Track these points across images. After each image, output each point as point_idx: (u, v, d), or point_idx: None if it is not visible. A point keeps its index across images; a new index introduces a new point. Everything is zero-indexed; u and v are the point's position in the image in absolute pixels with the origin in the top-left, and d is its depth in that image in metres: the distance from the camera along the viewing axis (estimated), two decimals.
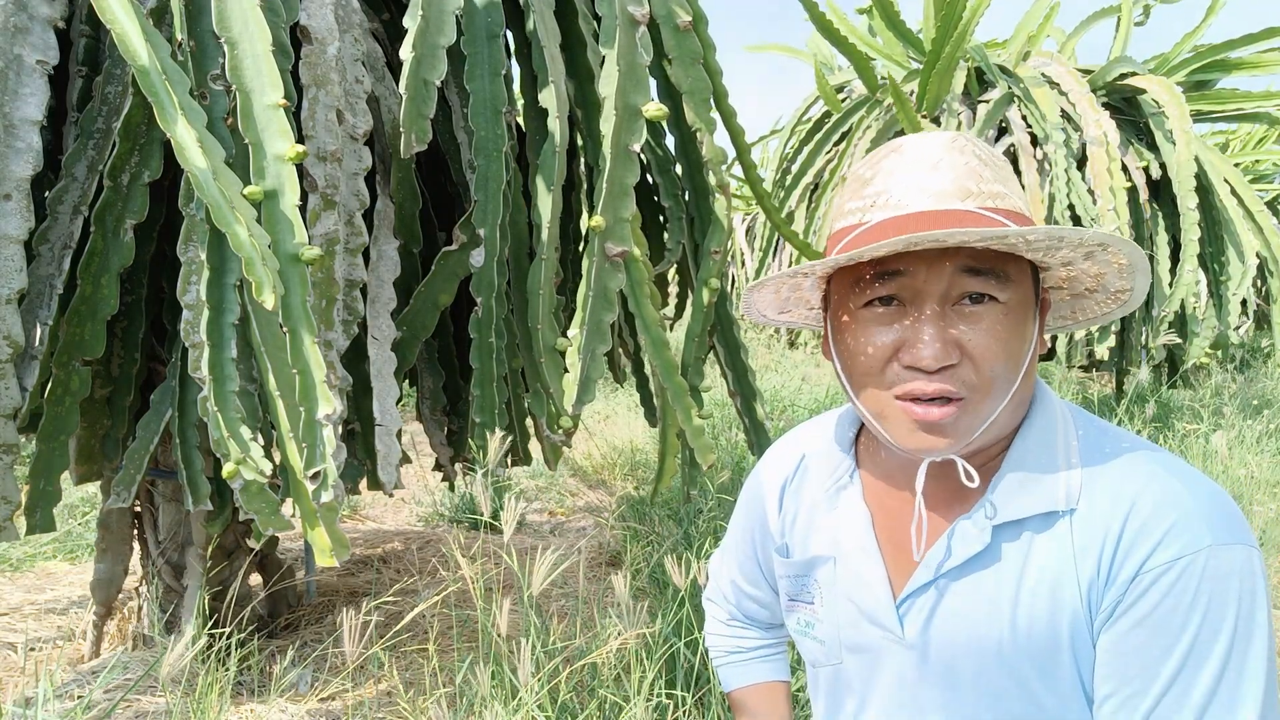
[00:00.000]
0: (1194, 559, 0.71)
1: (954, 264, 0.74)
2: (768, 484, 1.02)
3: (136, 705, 2.17)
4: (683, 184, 2.54)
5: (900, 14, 6.19)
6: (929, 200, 0.76)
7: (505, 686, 1.75)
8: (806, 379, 8.19)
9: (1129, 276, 0.81)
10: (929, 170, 0.78)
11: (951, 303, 0.75)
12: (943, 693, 0.83)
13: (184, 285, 1.71)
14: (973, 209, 0.76)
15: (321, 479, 1.57)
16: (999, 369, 0.75)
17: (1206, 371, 6.68)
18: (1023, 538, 0.79)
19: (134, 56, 1.44)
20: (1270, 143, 10.38)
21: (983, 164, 0.79)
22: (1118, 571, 0.74)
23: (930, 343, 0.74)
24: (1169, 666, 0.72)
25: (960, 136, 0.81)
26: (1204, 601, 0.71)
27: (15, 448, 1.65)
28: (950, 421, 0.75)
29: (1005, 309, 0.75)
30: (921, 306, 0.75)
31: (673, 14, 2.27)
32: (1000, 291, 0.75)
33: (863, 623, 0.88)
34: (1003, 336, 0.75)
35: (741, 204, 11.74)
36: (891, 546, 0.87)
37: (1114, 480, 0.77)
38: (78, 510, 4.08)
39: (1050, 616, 0.77)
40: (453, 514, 4.18)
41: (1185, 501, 0.74)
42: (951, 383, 0.74)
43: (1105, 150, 5.21)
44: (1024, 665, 0.78)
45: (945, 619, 0.82)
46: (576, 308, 2.05)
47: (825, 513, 0.94)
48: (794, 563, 0.96)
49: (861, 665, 0.89)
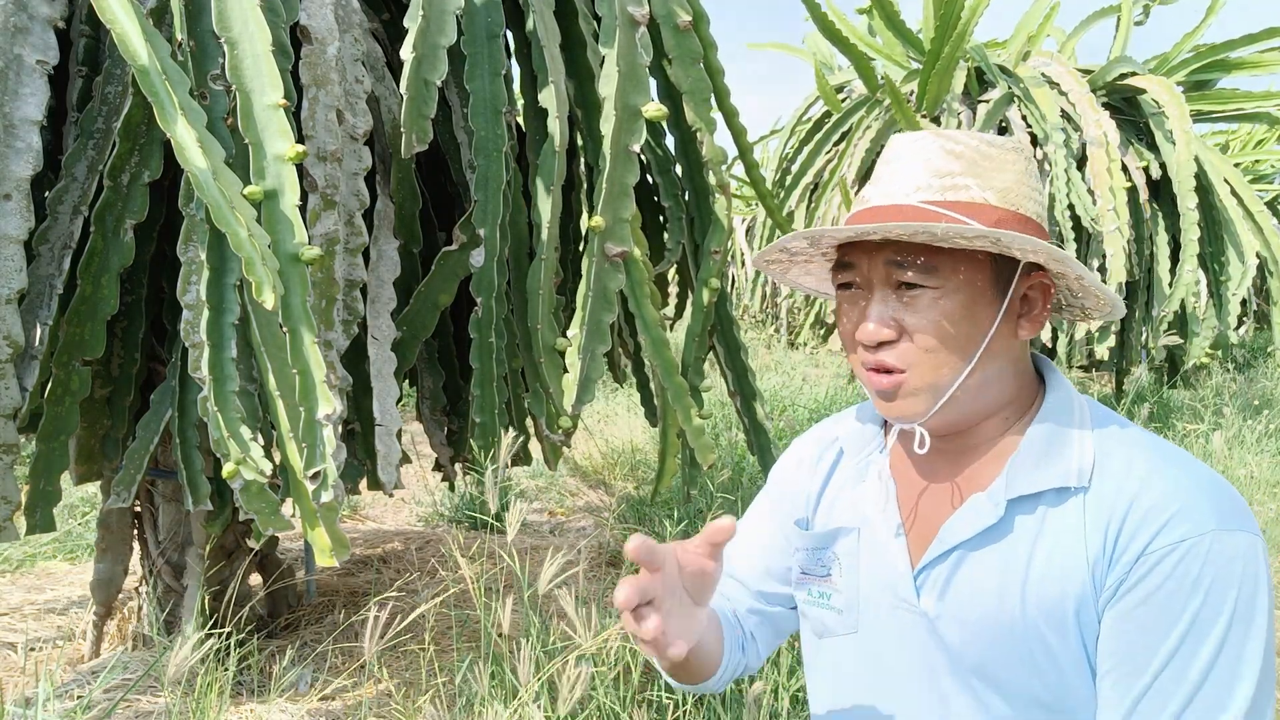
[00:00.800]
0: (1198, 542, 0.74)
1: (884, 256, 0.84)
2: (805, 453, 1.06)
3: (136, 705, 2.18)
4: (683, 184, 2.54)
5: (900, 14, 6.18)
6: (880, 196, 0.86)
7: (505, 686, 1.75)
8: (807, 379, 8.19)
9: (1087, 284, 0.86)
10: (893, 166, 0.87)
11: (892, 288, 0.84)
12: (955, 662, 0.85)
13: (184, 285, 1.71)
14: (914, 203, 0.83)
15: (321, 479, 1.57)
16: (934, 347, 0.83)
17: (1207, 371, 6.68)
18: (1037, 512, 0.82)
19: (134, 56, 1.44)
20: (1270, 143, 10.38)
21: (952, 158, 0.85)
22: (1122, 552, 0.77)
23: (868, 322, 0.85)
24: (1168, 644, 0.74)
25: (946, 132, 0.87)
26: (1206, 583, 0.73)
27: (15, 448, 1.65)
28: (893, 390, 0.85)
29: (940, 294, 0.82)
30: (868, 291, 0.86)
31: (673, 14, 2.26)
32: (928, 279, 0.82)
33: (882, 592, 0.91)
34: (936, 318, 0.82)
35: (741, 204, 11.74)
36: (913, 518, 0.91)
37: (1123, 464, 0.81)
38: (78, 510, 4.08)
39: (1059, 591, 0.79)
40: (453, 514, 4.18)
41: (1192, 487, 0.77)
42: (889, 357, 0.84)
43: (1105, 150, 5.21)
44: (1033, 638, 0.80)
45: (960, 590, 0.85)
46: (576, 308, 2.05)
47: (853, 486, 0.98)
48: (814, 535, 0.98)
49: (876, 634, 0.91)
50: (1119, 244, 5.01)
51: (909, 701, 0.89)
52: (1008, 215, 0.83)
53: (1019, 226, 0.83)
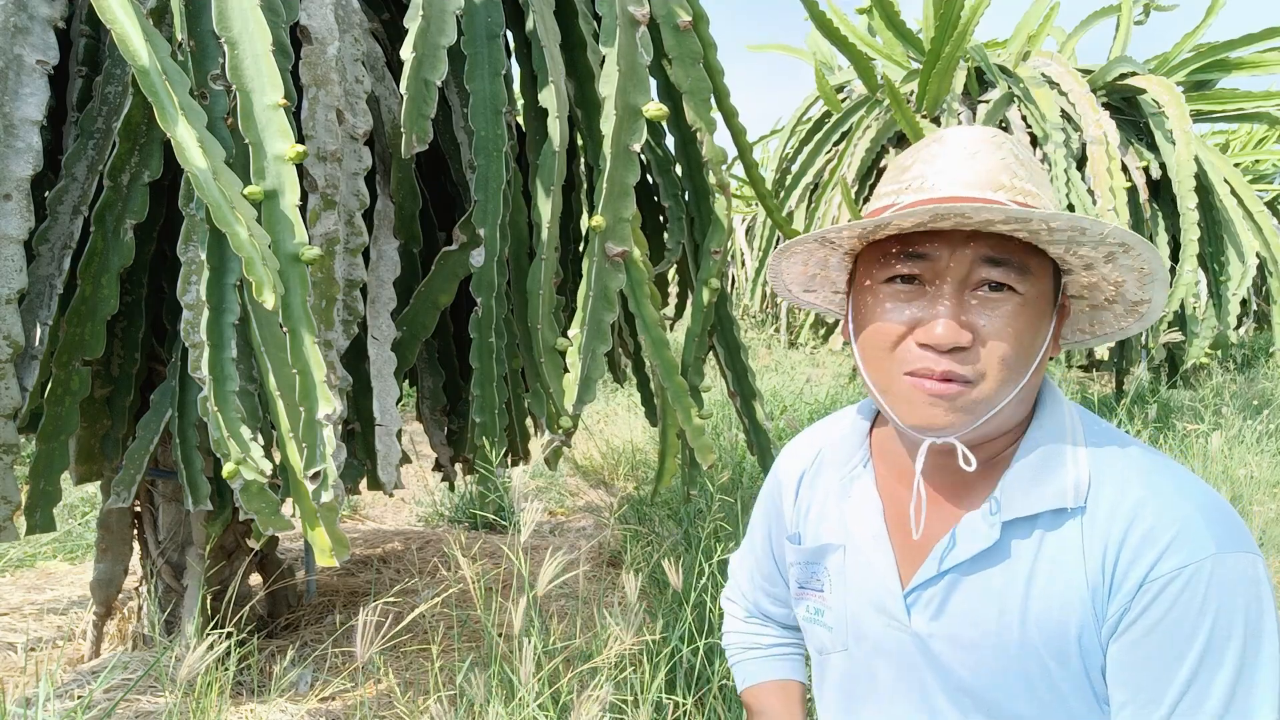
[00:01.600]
0: (1199, 567, 0.72)
1: (976, 250, 0.76)
2: (785, 476, 1.04)
3: (136, 705, 2.17)
4: (683, 184, 2.54)
5: (900, 14, 6.18)
6: (960, 188, 0.78)
7: (506, 686, 1.75)
8: (811, 380, 8.19)
9: (1148, 287, 0.81)
10: (966, 159, 0.79)
11: (971, 288, 0.77)
12: (948, 684, 0.84)
13: (184, 285, 1.71)
14: (1004, 200, 0.77)
15: (321, 479, 1.57)
16: (1009, 359, 0.76)
17: (1207, 372, 6.68)
18: (1033, 536, 0.80)
19: (134, 56, 1.44)
20: (1270, 143, 10.38)
21: (1019, 163, 0.80)
22: (1122, 580, 0.75)
23: (946, 322, 0.75)
24: (1182, 673, 0.72)
25: (1001, 134, 0.82)
26: (1212, 608, 0.71)
27: (15, 448, 1.65)
28: (953, 398, 0.76)
29: (1022, 301, 0.76)
30: (941, 287, 0.77)
31: (673, 13, 2.26)
32: (1019, 283, 0.76)
33: (871, 611, 0.89)
34: (1017, 327, 0.76)
35: (741, 204, 11.74)
36: (902, 536, 0.88)
37: (1118, 485, 0.78)
38: (78, 510, 4.08)
39: (1060, 617, 0.77)
40: (453, 514, 4.18)
41: (1188, 510, 0.74)
42: (960, 365, 0.76)
43: (1105, 150, 5.21)
44: (1031, 663, 0.79)
45: (954, 613, 0.83)
46: (577, 308, 2.04)
47: (838, 501, 0.95)
48: (805, 550, 0.97)
49: (869, 653, 0.90)
50: None
51: (905, 717, 0.87)
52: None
53: None
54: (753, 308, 13.03)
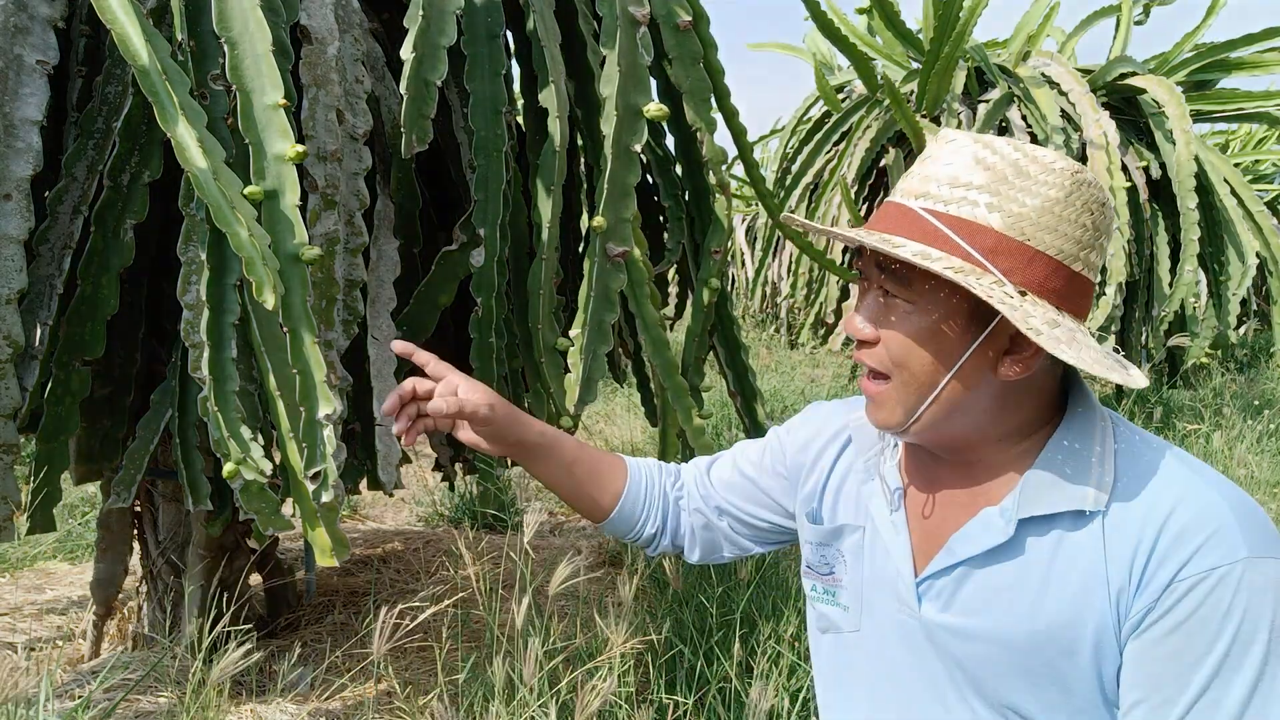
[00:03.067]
0: (1230, 570, 0.72)
1: (875, 258, 0.83)
2: (825, 428, 1.04)
3: (136, 705, 2.17)
4: (683, 184, 2.54)
5: (900, 14, 6.18)
6: (898, 193, 0.84)
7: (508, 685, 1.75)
8: (813, 380, 8.19)
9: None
10: (925, 164, 0.84)
11: (877, 291, 0.84)
12: (953, 671, 0.85)
13: (184, 285, 1.71)
14: (917, 208, 0.80)
15: (321, 479, 1.57)
16: (901, 358, 0.81)
17: (1207, 372, 6.68)
18: (1051, 535, 0.80)
19: (134, 56, 1.44)
20: (1270, 143, 10.39)
21: (980, 168, 0.78)
22: (1150, 578, 0.75)
23: (851, 313, 0.85)
24: (1201, 675, 0.72)
25: (989, 138, 0.81)
26: (1239, 612, 0.71)
27: (15, 448, 1.65)
28: (874, 396, 0.85)
29: (912, 308, 0.80)
30: (867, 285, 0.85)
31: (673, 13, 2.26)
32: (899, 290, 0.81)
33: (884, 594, 0.90)
34: (906, 330, 0.81)
35: (741, 204, 11.74)
36: (920, 523, 0.90)
37: (1151, 488, 0.78)
38: (78, 510, 4.08)
39: (1074, 618, 0.77)
40: (453, 514, 4.18)
41: (1223, 513, 0.74)
42: (868, 357, 0.84)
43: (1105, 150, 5.21)
44: (1038, 662, 0.79)
45: (965, 604, 0.83)
46: (578, 308, 2.04)
47: (860, 482, 0.97)
48: (823, 530, 0.98)
49: (879, 635, 0.91)
50: (1119, 244, 5.01)
51: (912, 702, 0.88)
52: (1009, 244, 0.76)
53: (1020, 261, 0.75)
54: (753, 308, 13.03)
